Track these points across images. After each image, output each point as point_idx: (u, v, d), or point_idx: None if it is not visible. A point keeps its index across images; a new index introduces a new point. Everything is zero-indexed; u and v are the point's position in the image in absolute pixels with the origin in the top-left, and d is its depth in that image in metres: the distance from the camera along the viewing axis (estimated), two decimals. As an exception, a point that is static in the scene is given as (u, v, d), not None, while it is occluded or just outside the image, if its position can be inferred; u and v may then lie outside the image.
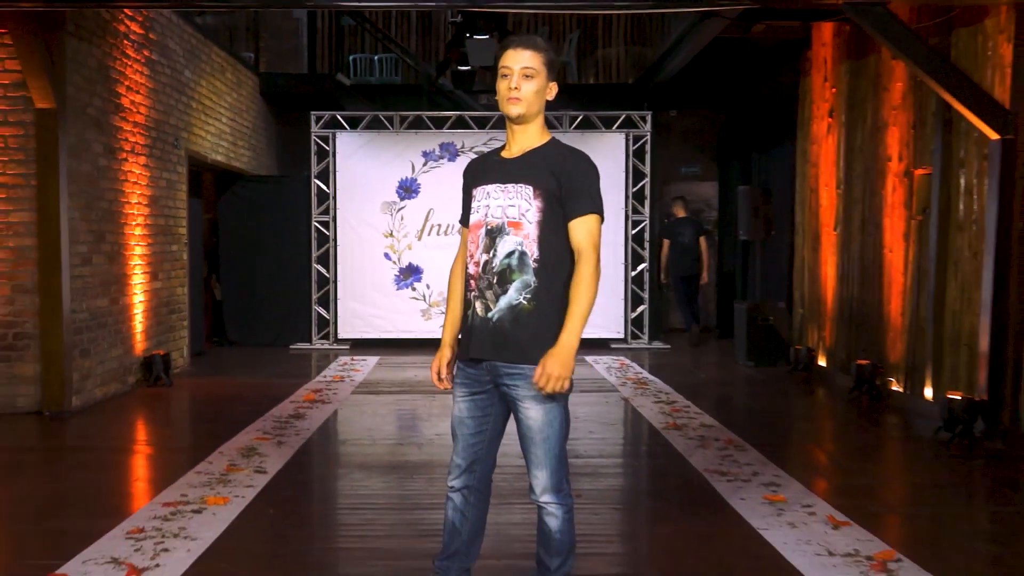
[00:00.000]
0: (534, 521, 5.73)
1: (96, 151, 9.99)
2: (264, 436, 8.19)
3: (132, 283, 10.89)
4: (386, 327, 14.96)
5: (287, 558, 5.14)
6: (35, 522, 5.82)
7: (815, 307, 12.40)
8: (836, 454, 7.93)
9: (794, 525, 5.62)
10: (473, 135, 14.94)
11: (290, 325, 15.23)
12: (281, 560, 5.12)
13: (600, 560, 5.12)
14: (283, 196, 15.31)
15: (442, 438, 8.22)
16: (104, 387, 10.12)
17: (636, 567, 5.13)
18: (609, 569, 5.03)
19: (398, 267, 14.95)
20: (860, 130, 11.04)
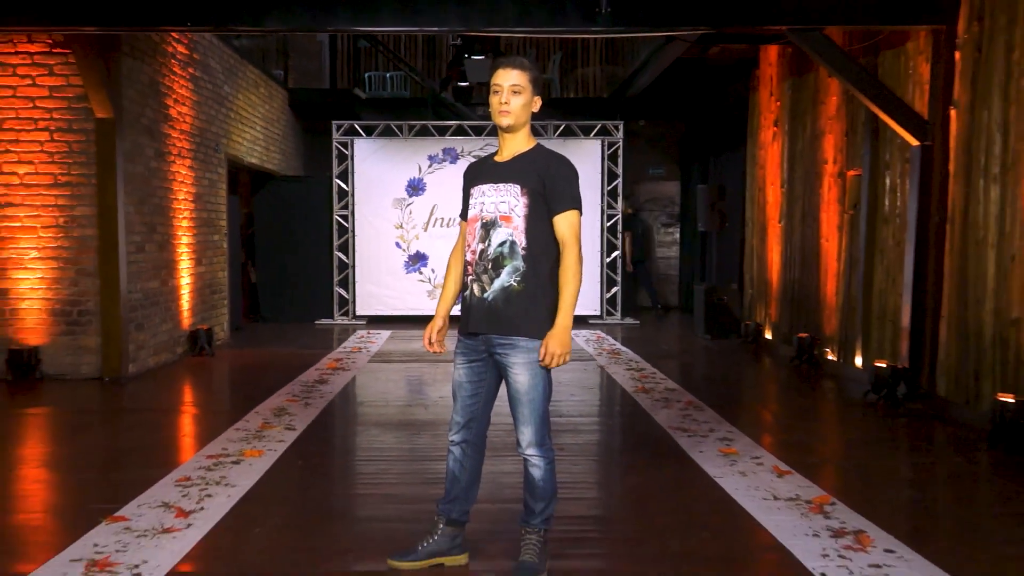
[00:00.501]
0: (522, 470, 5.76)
1: (148, 155, 9.95)
2: (293, 398, 8.17)
3: (179, 268, 10.85)
4: (397, 305, 14.94)
5: (313, 502, 5.14)
6: (97, 472, 5.81)
7: (762, 288, 12.39)
8: (780, 414, 7.94)
9: (744, 474, 5.62)
10: (471, 141, 14.90)
11: (315, 304, 15.19)
12: (308, 504, 5.11)
13: (579, 504, 5.12)
14: (309, 194, 15.26)
15: (445, 400, 8.21)
16: (156, 356, 10.09)
17: (610, 510, 5.13)
18: (587, 511, 5.03)
19: (407, 254, 14.92)
20: (801, 137, 11.01)
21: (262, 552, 4.32)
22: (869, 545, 4.34)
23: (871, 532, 4.52)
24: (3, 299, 9.11)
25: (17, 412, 7.74)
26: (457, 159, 14.84)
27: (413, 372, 10.03)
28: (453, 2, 7.85)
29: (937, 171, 7.89)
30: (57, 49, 9.01)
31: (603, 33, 8.19)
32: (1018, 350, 6.65)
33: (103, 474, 5.76)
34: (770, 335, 12.00)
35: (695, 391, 8.55)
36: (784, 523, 4.67)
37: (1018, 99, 6.78)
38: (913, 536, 4.50)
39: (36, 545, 4.42)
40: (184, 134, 10.97)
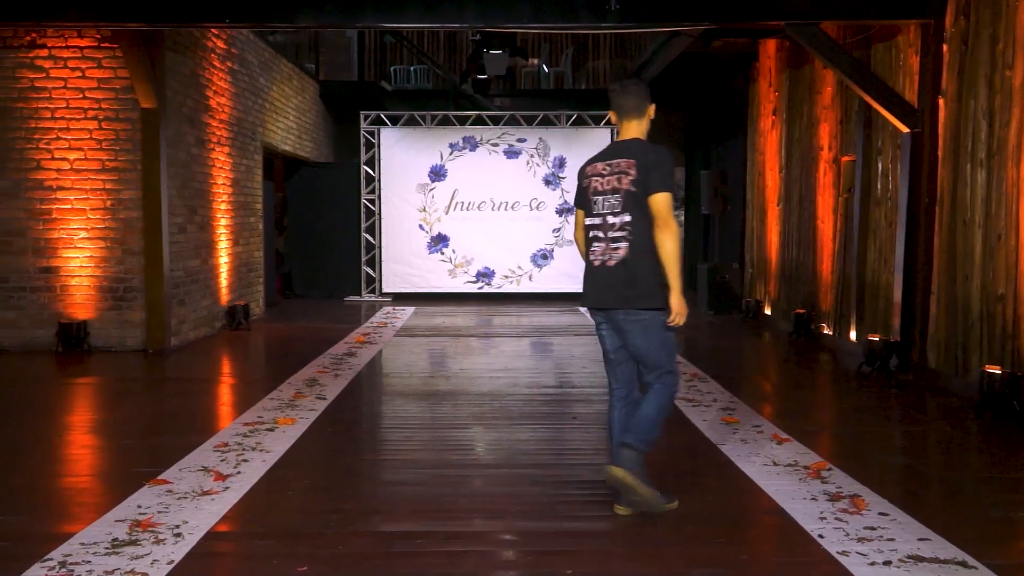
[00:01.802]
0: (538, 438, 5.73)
1: (189, 142, 9.91)
2: (323, 370, 8.16)
3: (218, 248, 10.83)
4: (420, 284, 14.91)
5: (342, 466, 5.12)
6: (140, 437, 5.80)
7: (762, 267, 12.32)
8: (779, 385, 7.90)
9: (746, 441, 5.57)
10: (489, 130, 14.82)
11: (344, 281, 15.19)
12: (337, 468, 5.09)
13: (591, 469, 5.07)
14: (338, 179, 15.24)
15: (465, 372, 8.19)
16: (196, 330, 10.09)
17: (620, 474, 5.08)
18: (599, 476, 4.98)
19: (430, 236, 14.88)
20: (798, 125, 10.92)
21: (294, 513, 4.30)
22: (864, 508, 4.29)
23: (866, 496, 4.47)
24: (54, 276, 9.12)
25: (66, 382, 7.75)
26: (476, 147, 14.77)
27: (435, 346, 10.01)
28: (473, 0, 7.81)
29: (926, 156, 7.79)
30: (105, 44, 8.97)
31: (612, 29, 8.12)
32: (1004, 324, 6.56)
33: (146, 440, 5.75)
34: (769, 311, 11.93)
35: (699, 363, 8.50)
36: (783, 487, 4.62)
37: (1002, 89, 6.66)
38: (905, 500, 4.44)
39: (83, 506, 4.41)
40: (223, 123, 10.93)
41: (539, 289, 14.91)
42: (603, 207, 4.27)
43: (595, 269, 4.33)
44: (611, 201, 4.24)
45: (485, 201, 14.85)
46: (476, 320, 12.51)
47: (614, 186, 4.23)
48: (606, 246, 4.27)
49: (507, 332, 11.16)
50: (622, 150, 4.27)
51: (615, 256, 4.23)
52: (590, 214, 4.35)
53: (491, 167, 14.84)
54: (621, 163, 4.23)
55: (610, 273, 4.25)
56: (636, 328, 4.22)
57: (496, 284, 14.93)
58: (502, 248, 14.86)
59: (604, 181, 4.27)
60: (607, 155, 4.33)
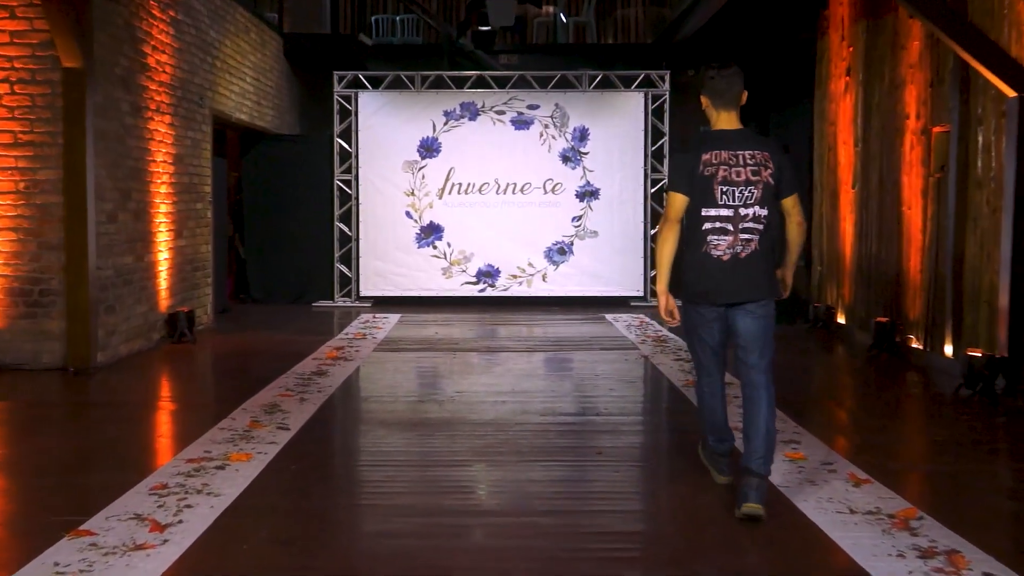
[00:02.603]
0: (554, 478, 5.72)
1: (122, 110, 9.90)
2: (287, 393, 8.13)
3: (157, 240, 10.82)
4: (407, 285, 14.91)
5: (309, 514, 5.08)
6: (59, 477, 5.77)
7: (834, 264, 12.29)
8: (856, 411, 7.86)
9: (815, 483, 5.53)
10: (493, 94, 14.81)
11: (313, 283, 15.20)
12: (303, 516, 5.06)
13: (619, 517, 5.05)
14: (306, 155, 15.24)
15: (463, 396, 8.16)
16: (129, 343, 10.07)
17: (656, 524, 5.08)
18: (628, 526, 4.97)
19: (419, 225, 14.87)
20: (877, 88, 10.89)
21: (250, 573, 4.27)
22: (964, 567, 4.25)
23: (966, 552, 4.43)
24: (-46, 277, 9.11)
25: (-30, 407, 7.74)
26: (477, 115, 14.77)
27: (426, 363, 9.98)
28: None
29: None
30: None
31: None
32: None
33: (66, 480, 5.70)
34: (843, 319, 11.89)
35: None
36: (862, 541, 4.59)
37: None
38: (1017, 557, 4.39)
39: (-13, 563, 4.38)
40: (164, 86, 10.92)
41: (555, 292, 14.89)
42: (735, 198, 5.02)
43: (723, 262, 5.05)
44: (745, 193, 5.02)
45: (488, 183, 14.83)
46: (477, 330, 12.47)
47: (748, 178, 5.03)
48: (735, 238, 5.03)
49: (515, 345, 11.13)
50: (749, 141, 5.15)
51: (748, 248, 5.03)
52: (711, 204, 5.04)
53: (495, 140, 14.83)
54: (758, 155, 5.07)
55: (746, 265, 5.04)
56: (764, 318, 5.10)
57: (501, 286, 14.91)
58: (509, 241, 14.85)
59: (734, 171, 5.04)
60: (730, 144, 5.11)
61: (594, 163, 14.81)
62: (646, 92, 14.89)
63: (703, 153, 5.08)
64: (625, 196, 14.82)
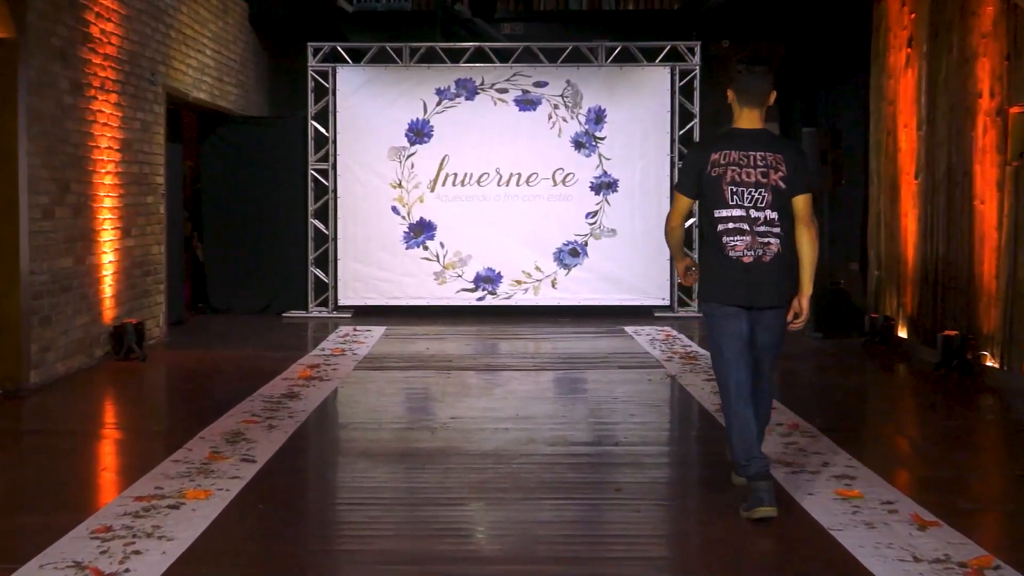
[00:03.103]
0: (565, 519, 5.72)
1: (61, 87, 9.89)
2: (252, 418, 8.11)
3: (101, 240, 10.81)
4: (394, 292, 14.90)
5: (279, 561, 5.07)
6: (-14, 518, 5.77)
7: (894, 268, 12.27)
8: (921, 441, 7.84)
9: (872, 525, 5.52)
10: (495, 70, 14.82)
11: (283, 290, 15.18)
12: (272, 564, 5.05)
13: (643, 565, 5.03)
14: (275, 140, 15.23)
15: (459, 422, 8.14)
16: (67, 361, 10.06)
17: (686, 573, 5.05)
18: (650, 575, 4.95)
19: (408, 223, 14.86)
20: (944, 62, 10.88)
21: (207, 631, 4.26)
22: (1049, 626, 4.24)
23: (1052, 608, 4.41)
24: None
25: None
26: (475, 94, 14.77)
27: (415, 383, 9.99)
28: None
29: None
30: (-66, -56, 8.98)
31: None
32: None
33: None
34: (905, 332, 11.89)
35: (802, 410, 8.44)
36: (930, 594, 4.57)
37: None
38: (1111, 614, 4.38)
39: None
40: (109, 60, 10.92)
41: (566, 300, 14.88)
42: (745, 199, 5.68)
43: (745, 264, 5.70)
44: (755, 195, 5.67)
45: (488, 173, 14.83)
46: (474, 346, 12.48)
47: (758, 180, 5.68)
48: (752, 240, 5.68)
49: (519, 363, 11.13)
50: (762, 142, 5.79)
51: (769, 251, 5.69)
52: (722, 205, 5.70)
53: (497, 123, 14.83)
54: (768, 157, 5.71)
55: (768, 268, 5.70)
56: (780, 328, 5.83)
57: (504, 293, 14.90)
58: (512, 241, 14.85)
59: (744, 172, 5.69)
60: (741, 144, 5.77)
61: (612, 150, 14.79)
62: (672, 67, 14.87)
63: (712, 152, 5.79)
64: (648, 188, 14.80)
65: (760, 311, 5.76)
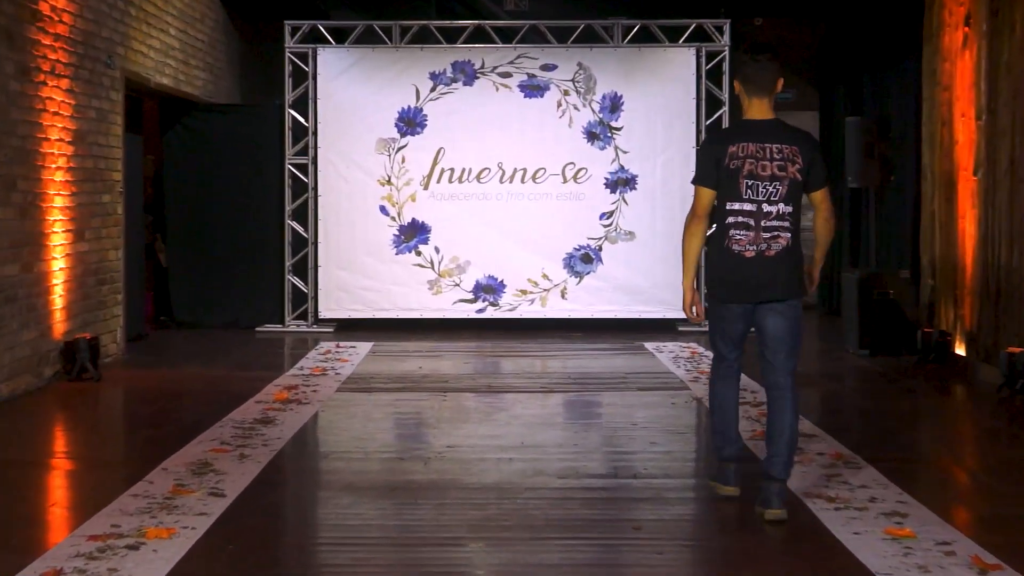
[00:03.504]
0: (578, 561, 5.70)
1: (6, 72, 9.90)
2: (222, 447, 8.10)
3: (51, 245, 10.82)
4: (382, 304, 14.89)
5: (250, 611, 5.06)
6: (-82, 561, 5.75)
7: (950, 277, 12.26)
8: (981, 473, 7.82)
9: (927, 569, 5.50)
10: (497, 51, 14.84)
11: (256, 301, 15.21)
12: (242, 614, 5.03)
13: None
14: (248, 131, 15.26)
15: (456, 451, 8.13)
16: (12, 381, 10.06)
17: (715, 625, 5.03)
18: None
19: (398, 224, 14.86)
20: (1008, 41, 10.85)
21: None
22: None
23: None
24: None
25: None
26: (475, 78, 14.78)
27: (406, 407, 10.00)
28: None
29: None
30: None
31: None
32: None
33: (-73, 564, 5.68)
34: (963, 349, 11.89)
35: (846, 438, 8.44)
36: (993, 649, 4.56)
37: None
38: None
39: None
40: (60, 41, 10.93)
41: (578, 312, 14.89)
42: (759, 193, 6.24)
43: (748, 259, 6.28)
44: (770, 188, 6.24)
45: (489, 168, 14.84)
46: (474, 364, 12.49)
47: (773, 173, 6.24)
48: (756, 235, 6.26)
49: (525, 384, 11.13)
50: (778, 133, 6.34)
51: (775, 246, 6.26)
52: (735, 198, 6.27)
53: (499, 112, 14.85)
54: (785, 149, 6.26)
55: (773, 263, 6.27)
56: (791, 316, 6.36)
57: (507, 304, 14.89)
58: (517, 245, 14.87)
59: (760, 165, 6.24)
60: (757, 135, 6.30)
61: (629, 142, 14.78)
62: (698, 47, 14.88)
63: (730, 144, 6.32)
64: (671, 186, 14.75)
65: (767, 304, 6.33)
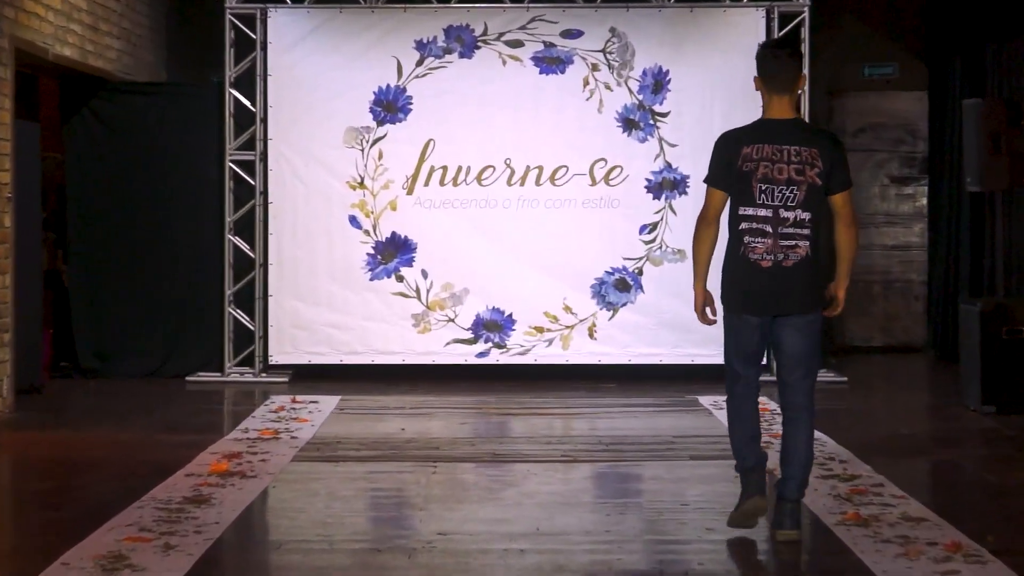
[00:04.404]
0: None
1: None
2: (141, 535, 8.10)
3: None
4: (353, 345, 14.93)
5: None
6: None
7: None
8: None
9: None
10: (503, 14, 14.96)
11: (187, 342, 15.31)
12: None
13: None
14: (177, 117, 15.35)
15: (450, 541, 8.15)
16: None
17: None
18: None
19: (373, 240, 14.90)
20: None
21: None
22: None
23: None
24: None
25: None
26: (474, 48, 14.88)
27: (384, 482, 10.03)
28: None
29: None
30: None
31: None
32: None
33: None
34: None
35: (965, 522, 8.44)
36: None
37: None
38: None
39: None
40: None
41: (611, 356, 14.98)
42: (774, 198, 7.37)
43: (764, 269, 7.44)
44: (786, 193, 7.36)
45: (493, 166, 14.89)
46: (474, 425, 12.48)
47: (791, 176, 7.34)
48: (774, 242, 7.39)
49: (542, 452, 11.12)
50: (797, 134, 7.50)
51: (793, 255, 7.39)
52: (749, 203, 7.42)
53: (507, 93, 14.93)
54: (804, 152, 7.37)
55: (791, 273, 7.43)
56: (809, 330, 7.56)
57: (517, 346, 14.92)
58: (530, 267, 14.94)
59: (776, 169, 7.37)
60: (773, 136, 7.44)
61: (678, 132, 14.79)
62: (769, 7, 14.97)
63: (744, 146, 7.49)
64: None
65: (784, 318, 7.54)
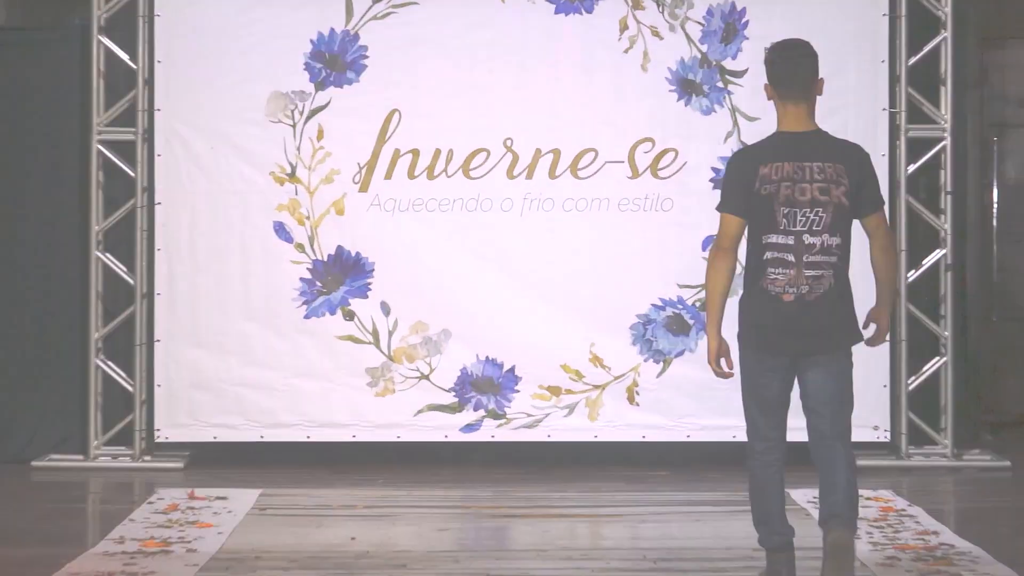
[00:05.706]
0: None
1: None
2: None
3: None
4: (278, 413, 14.92)
5: None
6: None
7: None
8: None
9: None
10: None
11: (34, 410, 15.34)
12: None
13: None
14: (25, 78, 15.47)
15: None
16: None
17: None
18: None
19: (310, 259, 14.88)
20: None
21: None
22: None
23: None
24: None
25: None
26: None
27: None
28: None
29: None
30: None
31: None
32: None
33: None
34: None
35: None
36: None
37: None
38: None
39: None
40: None
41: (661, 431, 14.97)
42: (798, 223, 8.78)
43: (786, 303, 8.87)
44: (811, 216, 8.76)
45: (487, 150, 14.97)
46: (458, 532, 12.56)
47: (814, 197, 8.77)
48: (797, 273, 8.80)
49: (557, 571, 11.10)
50: (819, 148, 8.94)
51: (817, 287, 8.84)
52: (771, 229, 8.83)
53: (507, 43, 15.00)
54: (828, 169, 8.82)
55: (816, 308, 8.86)
56: (837, 371, 9.02)
57: (521, 414, 14.93)
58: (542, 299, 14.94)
59: (798, 189, 8.80)
60: (794, 152, 8.86)
61: (759, 98, 14.59)
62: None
63: (761, 165, 8.86)
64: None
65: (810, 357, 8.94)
